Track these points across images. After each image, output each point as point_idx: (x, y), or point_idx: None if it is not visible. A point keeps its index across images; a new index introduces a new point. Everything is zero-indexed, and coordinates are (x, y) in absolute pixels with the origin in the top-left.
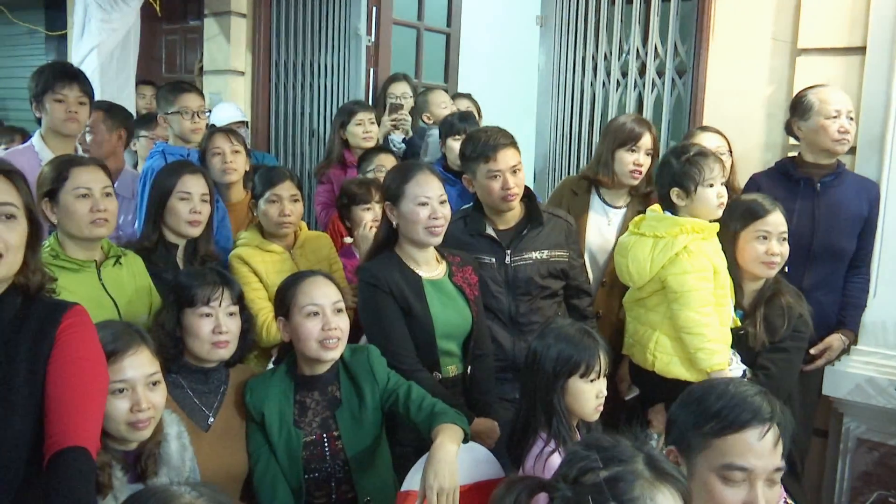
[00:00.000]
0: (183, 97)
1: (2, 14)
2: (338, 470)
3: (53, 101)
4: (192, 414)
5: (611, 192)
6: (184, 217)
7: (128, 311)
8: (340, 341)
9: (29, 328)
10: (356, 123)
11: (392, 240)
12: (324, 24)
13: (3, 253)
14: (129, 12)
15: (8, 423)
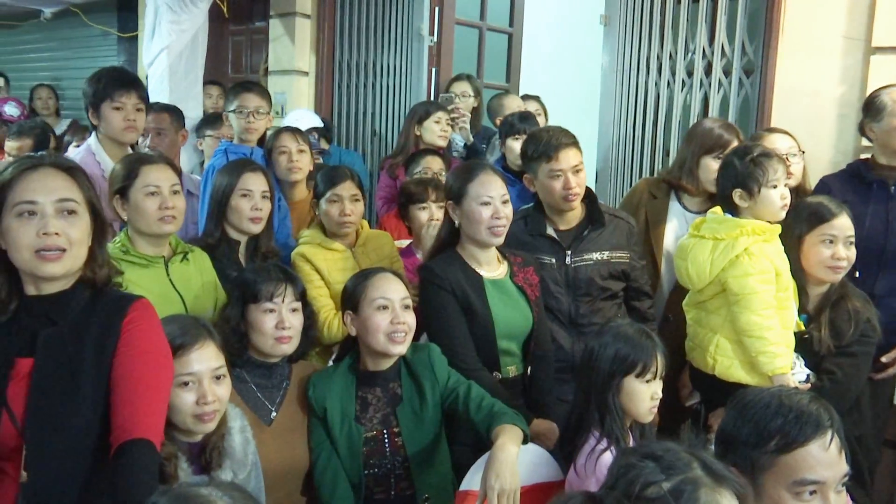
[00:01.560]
0: (242, 96)
1: (77, 17)
2: (397, 466)
3: (112, 109)
4: (256, 408)
5: (692, 197)
6: (245, 214)
7: (194, 307)
8: (407, 336)
9: (96, 321)
10: (434, 121)
11: (454, 239)
12: (386, 24)
13: (66, 248)
14: (198, 14)
15: (76, 413)
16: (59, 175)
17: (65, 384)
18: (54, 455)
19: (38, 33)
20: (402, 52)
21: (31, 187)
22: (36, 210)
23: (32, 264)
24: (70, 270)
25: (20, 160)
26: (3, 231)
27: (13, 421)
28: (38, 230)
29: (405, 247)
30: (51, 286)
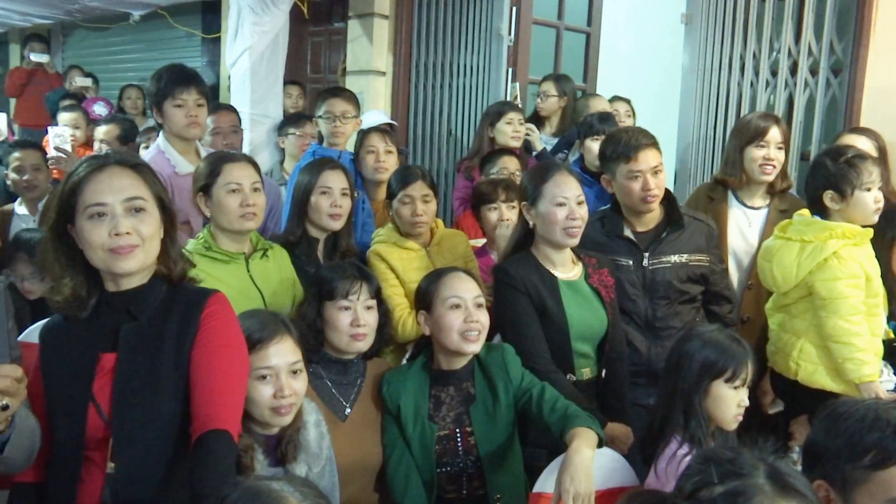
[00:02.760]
0: (330, 101)
1: (163, 19)
2: (469, 465)
3: (173, 106)
4: (330, 404)
5: (747, 192)
6: (325, 211)
7: (273, 302)
8: (481, 335)
9: (175, 315)
10: (506, 122)
11: (529, 240)
12: (464, 24)
13: (138, 244)
14: (279, 15)
15: (157, 405)
16: (126, 173)
17: (147, 377)
18: (139, 446)
19: (126, 35)
20: (480, 51)
21: (99, 189)
22: (106, 211)
23: (108, 262)
24: (144, 265)
25: (87, 160)
26: (77, 232)
27: (100, 414)
28: (109, 230)
29: (480, 246)
30: (129, 281)
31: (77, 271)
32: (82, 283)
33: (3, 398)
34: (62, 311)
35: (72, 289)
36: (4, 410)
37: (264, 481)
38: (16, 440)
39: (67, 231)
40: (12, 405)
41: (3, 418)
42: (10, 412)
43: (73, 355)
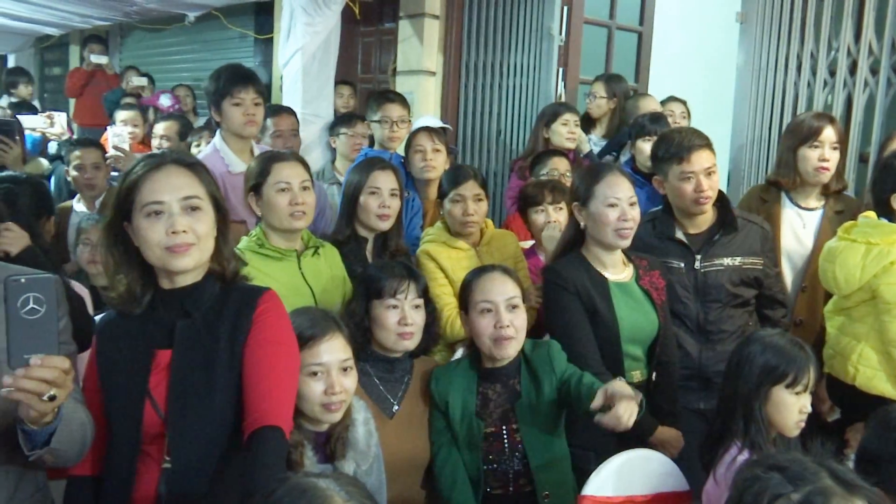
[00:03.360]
0: (386, 106)
1: (217, 20)
2: (516, 463)
3: (231, 105)
4: (378, 401)
5: (801, 193)
6: (373, 211)
7: (323, 300)
8: (514, 339)
9: (228, 312)
10: (562, 123)
11: (579, 241)
12: (515, 23)
13: (194, 242)
14: (331, 16)
15: (211, 401)
16: (182, 172)
17: (201, 374)
18: (194, 441)
19: (181, 36)
20: (531, 51)
21: (156, 187)
22: (163, 209)
23: (164, 260)
24: (199, 263)
25: (145, 159)
26: (134, 230)
27: (156, 409)
28: (166, 228)
29: (529, 247)
30: (183, 279)
31: (132, 268)
32: (137, 280)
33: (50, 389)
34: (117, 307)
35: (127, 285)
36: (52, 401)
37: (311, 478)
38: (63, 432)
39: (123, 229)
40: (59, 396)
41: (51, 409)
42: (58, 403)
43: (128, 351)
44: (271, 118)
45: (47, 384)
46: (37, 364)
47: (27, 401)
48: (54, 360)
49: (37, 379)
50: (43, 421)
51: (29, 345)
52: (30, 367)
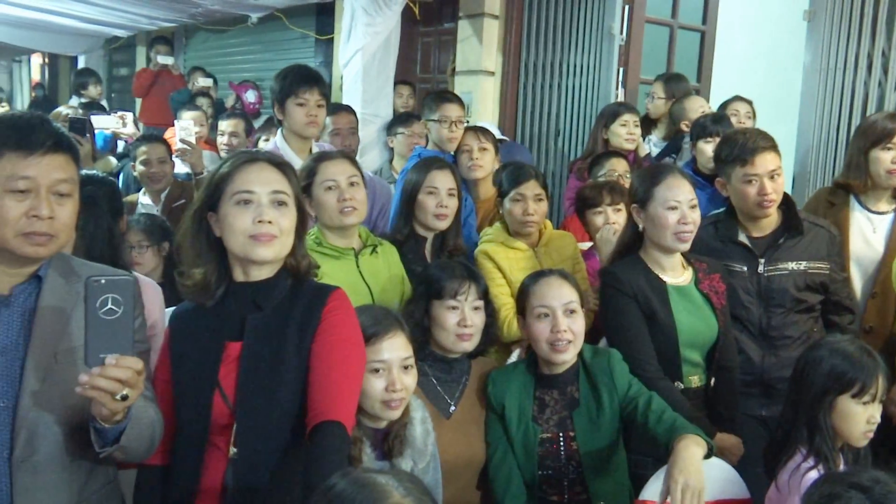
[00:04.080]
0: (444, 106)
1: (279, 21)
2: (571, 470)
3: (295, 104)
4: (435, 401)
5: (871, 197)
6: (431, 210)
7: (381, 298)
8: (572, 344)
9: (298, 308)
10: (620, 124)
11: (637, 243)
12: (575, 23)
13: (277, 234)
14: (391, 16)
15: (279, 394)
16: (273, 169)
17: (270, 367)
18: (260, 433)
19: (244, 37)
20: (591, 51)
21: (248, 178)
22: (252, 199)
23: (247, 248)
24: (279, 256)
25: (238, 154)
26: (220, 217)
27: (225, 400)
28: (253, 217)
29: (587, 249)
30: (258, 272)
31: (209, 259)
32: (212, 271)
33: (123, 389)
34: (190, 296)
35: (202, 275)
36: (124, 401)
37: (371, 474)
38: (132, 430)
39: (207, 219)
40: (131, 396)
41: (122, 408)
42: (129, 403)
43: (200, 342)
44: (330, 116)
45: (120, 384)
46: (112, 364)
47: (100, 399)
48: (128, 360)
49: (111, 378)
50: (114, 419)
51: (105, 344)
52: (105, 366)
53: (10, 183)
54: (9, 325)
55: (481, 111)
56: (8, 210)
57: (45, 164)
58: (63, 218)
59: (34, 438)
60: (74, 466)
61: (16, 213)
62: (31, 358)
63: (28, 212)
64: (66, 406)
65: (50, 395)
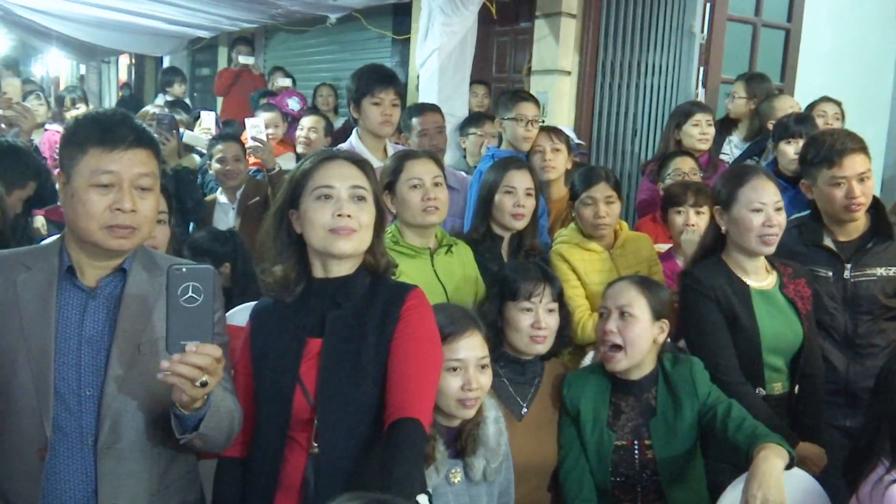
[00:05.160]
0: (521, 105)
1: (357, 21)
2: (646, 478)
3: (371, 104)
4: (508, 402)
5: None
6: (508, 210)
7: (455, 298)
8: (622, 350)
9: (377, 305)
10: (693, 124)
11: (719, 245)
12: (655, 22)
13: (356, 228)
14: (468, 16)
15: (358, 391)
16: (352, 166)
17: (350, 363)
18: (340, 429)
19: (322, 37)
20: (670, 50)
21: (329, 174)
22: (332, 194)
23: (327, 242)
24: (358, 250)
25: (318, 153)
26: (301, 214)
27: (306, 396)
28: (333, 211)
29: (665, 251)
30: (338, 268)
31: (289, 256)
32: (292, 268)
33: (203, 375)
34: (271, 293)
35: (283, 272)
36: (203, 387)
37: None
38: (211, 418)
39: (288, 216)
40: (210, 383)
41: (201, 395)
42: (208, 390)
43: (281, 339)
44: (417, 117)
45: (200, 370)
46: (192, 350)
47: (180, 385)
48: (208, 347)
49: (191, 364)
50: (193, 406)
51: (185, 332)
52: (185, 353)
53: (95, 177)
54: (95, 316)
55: (557, 111)
56: (93, 204)
57: (128, 159)
58: (145, 211)
59: (118, 426)
60: (155, 454)
61: (100, 207)
62: (116, 348)
63: (111, 205)
64: (149, 395)
65: (133, 384)
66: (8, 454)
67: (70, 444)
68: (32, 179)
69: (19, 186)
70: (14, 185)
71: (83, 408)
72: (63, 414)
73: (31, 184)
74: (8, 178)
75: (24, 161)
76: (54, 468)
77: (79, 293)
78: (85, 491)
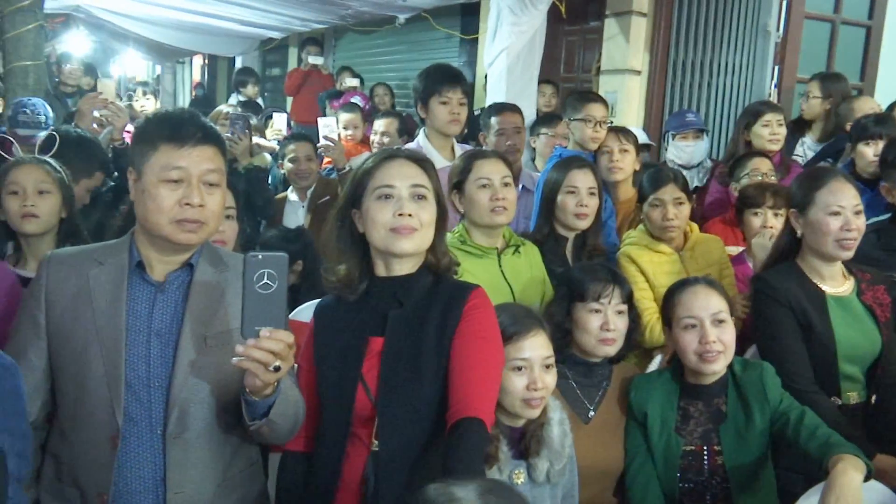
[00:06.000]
0: (589, 106)
1: (425, 21)
2: (714, 485)
3: (439, 103)
4: (574, 405)
5: None
6: (571, 210)
7: (522, 298)
8: (722, 355)
9: (438, 304)
10: (763, 125)
11: (794, 250)
12: (728, 20)
13: (417, 227)
14: (537, 15)
15: (419, 389)
16: (413, 164)
17: (411, 362)
18: (401, 427)
19: (390, 37)
20: (744, 48)
21: (389, 173)
22: (393, 193)
23: (387, 241)
24: (419, 249)
25: (379, 152)
26: (363, 213)
27: (368, 394)
28: (394, 211)
29: (736, 254)
30: (400, 267)
31: (352, 255)
32: (356, 267)
33: (276, 360)
34: (334, 291)
35: (346, 271)
36: (276, 372)
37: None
38: (280, 405)
39: (351, 216)
40: (282, 368)
41: (273, 380)
42: (280, 375)
43: (344, 336)
44: (495, 116)
45: (273, 355)
46: (266, 336)
47: (254, 370)
48: (281, 333)
49: (265, 349)
50: (264, 392)
51: (260, 317)
52: (260, 338)
53: (164, 173)
54: (164, 309)
55: (626, 111)
56: (163, 199)
57: (196, 155)
58: (212, 206)
59: (185, 416)
60: (221, 444)
61: (170, 202)
62: (184, 340)
63: (180, 200)
64: (215, 386)
65: (200, 375)
66: (82, 442)
67: (140, 432)
68: (99, 170)
69: (86, 176)
70: (81, 176)
71: (152, 398)
72: (133, 404)
73: (99, 174)
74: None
75: (92, 152)
76: (125, 456)
77: (148, 287)
78: (154, 478)
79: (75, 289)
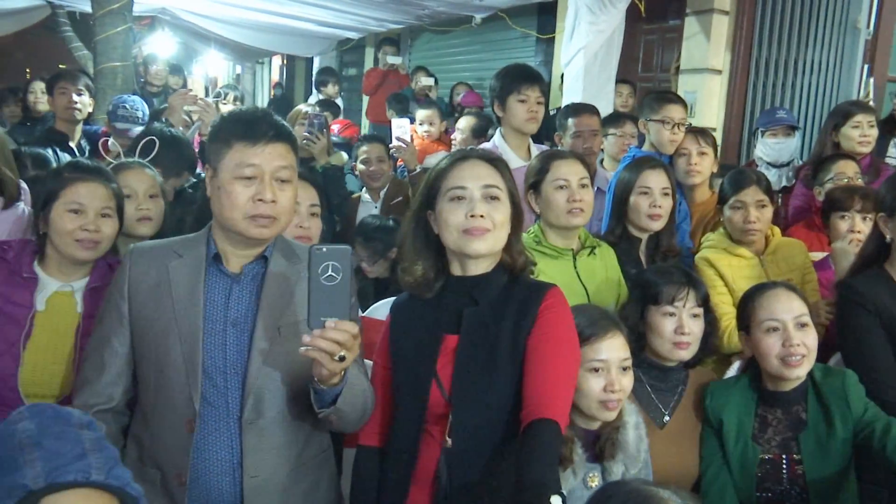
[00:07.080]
0: (668, 107)
1: (502, 21)
2: (794, 496)
3: (517, 101)
4: (649, 409)
5: None
6: (644, 211)
7: (596, 300)
8: (805, 359)
9: (514, 303)
10: (852, 126)
11: (882, 256)
12: (814, 17)
13: (490, 228)
14: (616, 14)
15: (493, 388)
16: (486, 165)
17: (485, 360)
18: (474, 425)
19: (465, 37)
20: (831, 46)
21: (461, 175)
22: (465, 195)
23: (461, 242)
24: (492, 249)
25: (453, 153)
26: (437, 214)
27: (442, 391)
28: (466, 212)
29: (820, 259)
30: (475, 267)
31: (428, 255)
32: (431, 266)
33: (341, 350)
34: (411, 290)
35: (422, 270)
36: (341, 362)
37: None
38: (347, 394)
39: (426, 217)
40: (348, 358)
41: (339, 370)
42: (345, 364)
43: (419, 333)
44: (573, 118)
45: (339, 346)
46: (331, 326)
47: (320, 359)
48: (346, 324)
49: (330, 340)
50: (331, 382)
51: (325, 308)
52: (325, 328)
53: (239, 170)
54: (239, 299)
55: (705, 112)
56: (237, 195)
57: (268, 153)
58: (284, 202)
59: (260, 403)
60: (294, 431)
61: (244, 198)
62: (259, 330)
63: (254, 196)
64: (289, 374)
65: (274, 364)
66: (162, 426)
67: (217, 418)
68: (187, 170)
69: (175, 175)
70: (170, 174)
71: (229, 385)
72: (210, 390)
73: (186, 174)
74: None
75: (182, 152)
76: (203, 440)
77: (224, 278)
78: (231, 462)
79: (156, 280)
